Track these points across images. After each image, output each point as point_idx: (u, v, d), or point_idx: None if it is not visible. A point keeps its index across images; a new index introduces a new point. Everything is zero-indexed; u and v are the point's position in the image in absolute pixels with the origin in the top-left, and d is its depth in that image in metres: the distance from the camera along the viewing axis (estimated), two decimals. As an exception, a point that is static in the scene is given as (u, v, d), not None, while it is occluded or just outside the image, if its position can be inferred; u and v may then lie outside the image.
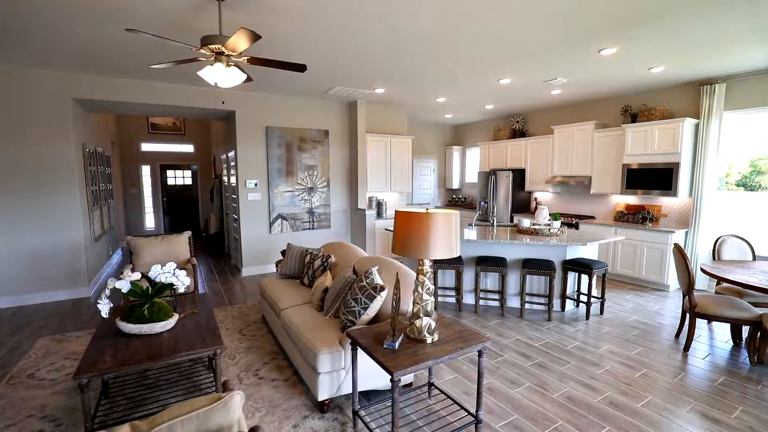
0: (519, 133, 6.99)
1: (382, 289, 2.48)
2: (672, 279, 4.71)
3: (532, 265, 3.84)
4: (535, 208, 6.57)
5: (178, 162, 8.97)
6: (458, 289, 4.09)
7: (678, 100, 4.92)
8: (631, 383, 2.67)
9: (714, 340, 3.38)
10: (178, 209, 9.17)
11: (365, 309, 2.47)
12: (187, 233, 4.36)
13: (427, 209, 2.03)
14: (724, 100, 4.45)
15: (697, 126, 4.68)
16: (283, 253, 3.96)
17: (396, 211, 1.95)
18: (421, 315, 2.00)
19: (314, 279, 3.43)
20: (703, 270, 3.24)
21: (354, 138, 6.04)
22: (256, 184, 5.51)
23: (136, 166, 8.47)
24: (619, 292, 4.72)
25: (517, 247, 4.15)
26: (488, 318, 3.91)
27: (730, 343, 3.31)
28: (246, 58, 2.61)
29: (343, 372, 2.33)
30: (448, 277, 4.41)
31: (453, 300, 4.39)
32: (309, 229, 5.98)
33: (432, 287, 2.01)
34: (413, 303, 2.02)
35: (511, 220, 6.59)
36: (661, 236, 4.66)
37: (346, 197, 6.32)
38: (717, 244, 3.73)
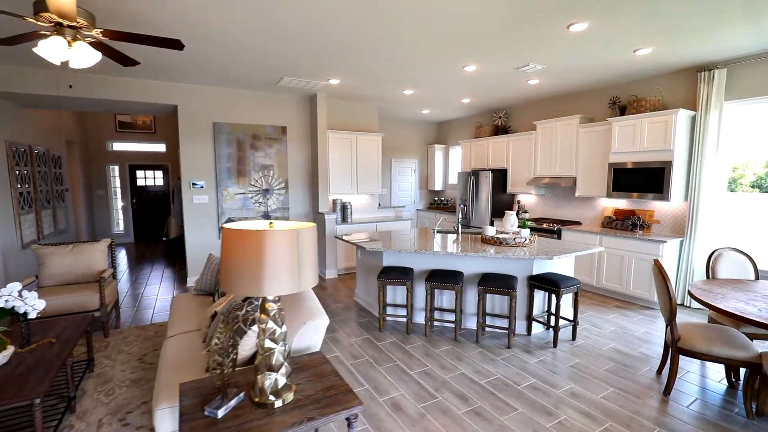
0: (501, 130, 6.37)
1: (253, 322, 1.94)
2: (664, 296, 4.05)
3: (490, 282, 3.25)
4: (517, 212, 5.97)
5: (148, 162, 8.59)
6: (409, 307, 3.52)
7: (672, 90, 4.27)
8: (586, 443, 2.08)
9: (705, 379, 2.75)
10: (149, 211, 8.79)
11: (234, 346, 1.94)
12: (106, 241, 3.90)
13: (271, 223, 1.49)
14: (725, 88, 3.79)
15: (693, 119, 4.02)
16: (206, 264, 3.46)
17: (223, 229, 1.41)
18: (263, 370, 1.46)
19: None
20: (690, 293, 2.61)
21: (315, 135, 5.52)
22: (202, 186, 5.04)
23: (103, 166, 8.12)
24: (601, 311, 4.09)
25: (474, 259, 3.56)
26: (439, 343, 3.34)
27: (725, 384, 2.68)
28: (99, 31, 2.11)
29: (195, 431, 1.80)
30: (399, 294, 3.85)
31: (404, 320, 3.83)
32: (264, 234, 5.48)
33: (281, 331, 1.47)
34: (257, 354, 1.48)
35: (491, 225, 5.97)
36: (651, 246, 4.01)
37: (307, 200, 5.81)
38: (712, 260, 3.09)
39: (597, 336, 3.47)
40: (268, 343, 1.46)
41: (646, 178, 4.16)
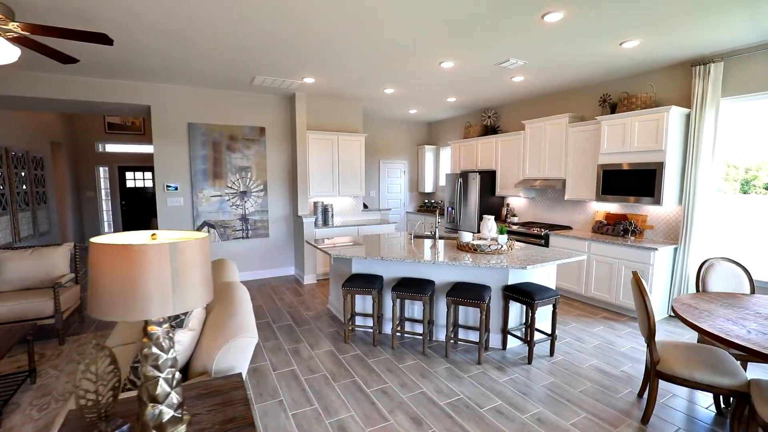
0: (491, 130, 6.13)
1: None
2: (654, 307, 3.77)
3: (460, 292, 3.02)
4: (506, 215, 5.73)
5: (138, 163, 8.54)
6: (375, 317, 3.32)
7: (666, 86, 3.99)
8: (544, 480, 1.85)
9: (692, 405, 2.48)
10: (138, 212, 8.74)
11: (116, 371, 1.77)
12: (68, 245, 3.78)
13: (153, 235, 1.30)
14: (722, 84, 3.51)
15: (688, 117, 3.74)
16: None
17: (91, 243, 1.23)
18: (146, 400, 1.27)
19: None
20: (673, 309, 2.36)
21: (294, 136, 5.36)
22: (176, 188, 4.91)
23: (91, 168, 8.09)
24: (587, 322, 3.82)
25: (447, 267, 3.34)
26: (405, 357, 3.12)
27: (713, 411, 2.41)
28: (18, 24, 1.96)
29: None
30: (369, 303, 3.64)
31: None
32: (242, 238, 5.33)
33: (166, 357, 1.28)
34: (141, 384, 1.29)
35: (479, 230, 5.74)
36: (641, 254, 3.74)
37: (287, 202, 5.64)
38: (702, 271, 2.82)
39: (578, 351, 3.21)
40: (150, 371, 1.27)
41: (636, 181, 3.89)
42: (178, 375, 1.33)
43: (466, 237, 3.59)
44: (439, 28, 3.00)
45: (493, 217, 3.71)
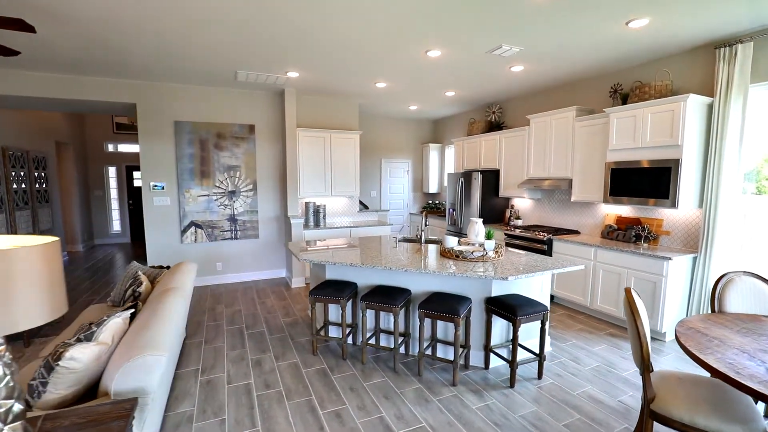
0: (495, 126, 5.72)
1: (59, 357, 1.57)
2: (668, 324, 3.30)
3: (433, 304, 2.70)
4: (509, 218, 5.33)
5: (146, 163, 8.66)
6: (343, 328, 3.06)
7: (685, 73, 3.50)
8: None
9: (701, 448, 2.05)
10: (146, 212, 8.87)
11: (44, 385, 1.58)
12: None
13: None
14: (751, 68, 3.00)
15: (710, 107, 3.25)
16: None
17: None
18: (-30, 440, 1.06)
19: (119, 313, 2.60)
20: (677, 336, 1.95)
21: (284, 133, 5.18)
22: (163, 187, 4.83)
23: (100, 167, 8.27)
24: (590, 340, 3.40)
25: (423, 276, 3.03)
26: (373, 373, 2.83)
27: (726, 460, 1.98)
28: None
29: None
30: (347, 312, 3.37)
31: (351, 342, 3.35)
32: (231, 238, 5.20)
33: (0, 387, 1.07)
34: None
35: (480, 233, 5.35)
36: (653, 263, 3.28)
37: (278, 203, 5.47)
38: (719, 287, 2.37)
39: (572, 374, 2.81)
40: (-25, 404, 1.06)
41: (649, 180, 3.42)
42: (18, 407, 1.12)
43: (450, 242, 3.26)
44: (417, 11, 2.70)
45: (481, 220, 3.35)
